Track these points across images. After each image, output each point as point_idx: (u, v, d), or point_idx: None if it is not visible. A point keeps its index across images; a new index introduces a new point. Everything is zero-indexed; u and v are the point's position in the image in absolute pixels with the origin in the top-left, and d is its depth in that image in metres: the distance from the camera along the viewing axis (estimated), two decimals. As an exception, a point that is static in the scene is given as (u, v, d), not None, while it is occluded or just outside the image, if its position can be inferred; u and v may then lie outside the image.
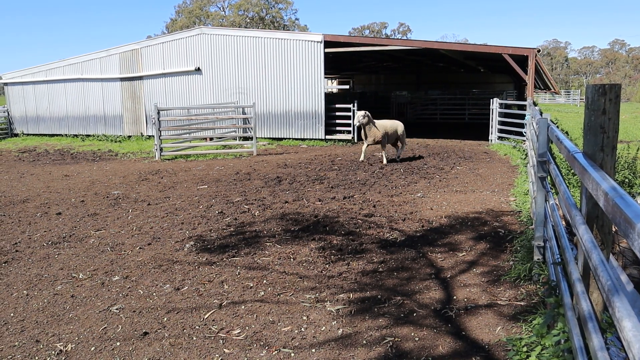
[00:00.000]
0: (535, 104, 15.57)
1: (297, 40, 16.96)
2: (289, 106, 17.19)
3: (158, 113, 14.14)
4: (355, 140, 16.64)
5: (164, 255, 6.12)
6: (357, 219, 7.36)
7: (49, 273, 5.76)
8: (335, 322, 4.36)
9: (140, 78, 19.69)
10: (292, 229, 6.98)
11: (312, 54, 16.73)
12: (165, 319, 4.53)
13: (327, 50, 16.74)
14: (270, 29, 66.27)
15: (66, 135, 21.39)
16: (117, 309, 4.76)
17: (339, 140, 16.89)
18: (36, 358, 4.01)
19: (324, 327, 4.28)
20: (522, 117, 14.86)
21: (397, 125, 13.11)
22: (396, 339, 4.05)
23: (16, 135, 22.66)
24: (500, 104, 16.46)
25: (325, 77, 17.15)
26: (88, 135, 20.83)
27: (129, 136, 19.97)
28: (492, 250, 6.02)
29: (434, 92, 28.52)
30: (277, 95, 17.28)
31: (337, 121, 17.46)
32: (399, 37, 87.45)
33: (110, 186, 10.50)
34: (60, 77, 21.41)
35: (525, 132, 12.80)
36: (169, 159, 14.20)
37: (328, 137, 16.98)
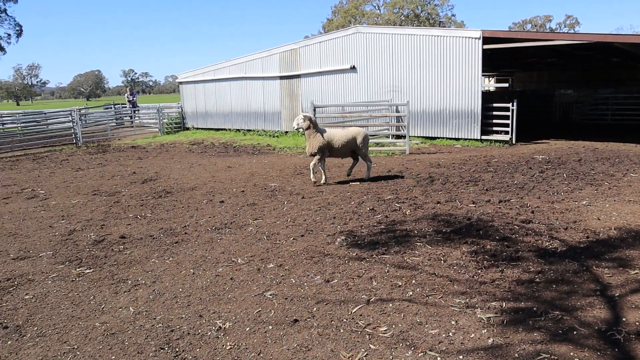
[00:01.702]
0: None
1: (454, 37, 16.50)
2: (444, 105, 16.80)
3: (314, 110, 14.64)
4: (514, 142, 15.77)
5: (315, 248, 6.32)
6: (514, 225, 6.97)
7: (212, 256, 6.24)
8: (485, 330, 4.16)
9: (297, 76, 20.55)
10: (444, 230, 6.81)
11: (469, 51, 16.18)
12: (315, 308, 4.66)
13: (485, 46, 16.06)
14: (426, 26, 65.27)
15: (230, 129, 23.05)
16: (270, 295, 5.01)
17: (496, 140, 16.14)
18: (199, 331, 4.36)
19: (473, 335, 4.11)
20: None
21: (354, 133, 10.45)
22: (552, 357, 3.76)
23: (187, 129, 24.91)
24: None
25: (482, 75, 16.46)
26: (249, 130, 22.24)
27: (286, 132, 20.95)
28: (672, 269, 5.33)
29: (605, 90, 26.01)
30: (431, 94, 16.99)
31: (494, 121, 16.69)
32: (566, 31, 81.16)
33: (267, 178, 11.10)
34: (226, 76, 23.13)
35: None
36: (322, 155, 14.65)
37: (484, 137, 16.31)
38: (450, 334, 4.14)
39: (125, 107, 29.74)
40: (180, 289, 5.27)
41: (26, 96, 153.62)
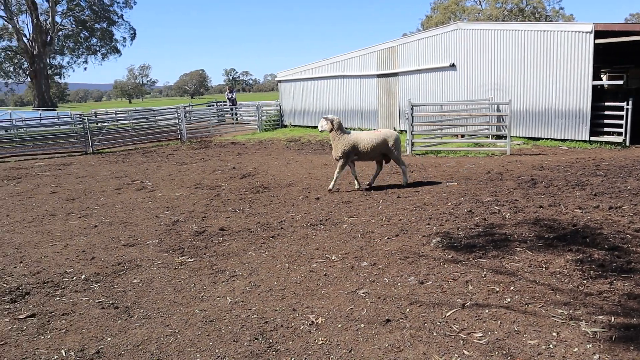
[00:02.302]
0: None
1: (561, 31, 15.59)
2: (549, 103, 15.94)
3: (412, 109, 14.46)
4: (627, 144, 14.64)
5: (410, 248, 6.23)
6: (625, 233, 6.47)
7: (307, 251, 6.34)
8: (590, 345, 3.90)
9: (395, 74, 20.38)
10: (546, 236, 6.46)
11: (579, 46, 15.22)
12: (408, 309, 4.60)
13: (598, 41, 15.03)
14: (531, 20, 62.29)
15: (327, 127, 23.35)
16: (363, 293, 5.00)
17: (607, 142, 15.07)
18: (292, 324, 4.44)
19: (576, 349, 3.86)
20: None
21: (385, 136, 9.74)
22: (670, 378, 3.45)
23: (285, 126, 25.50)
24: None
25: (593, 72, 15.43)
26: (345, 128, 22.38)
27: (382, 130, 20.88)
28: None
29: None
30: (535, 92, 16.17)
31: (605, 121, 15.59)
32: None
33: (363, 177, 11.09)
34: (323, 74, 23.41)
35: None
36: (419, 154, 14.43)
37: (593, 138, 15.28)
38: (551, 345, 3.92)
39: (226, 104, 30.96)
40: (275, 282, 5.40)
41: (137, 94, 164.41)
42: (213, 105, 32.00)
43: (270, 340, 4.19)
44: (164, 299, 5.14)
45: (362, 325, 4.36)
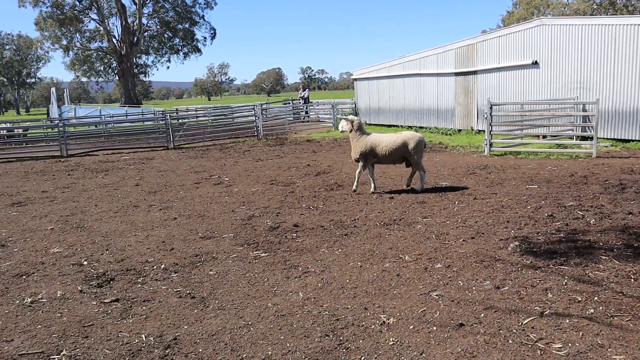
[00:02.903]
0: None
1: (659, 27, 14.57)
2: (641, 104, 14.95)
3: (490, 108, 14.03)
4: None
5: (486, 251, 6.05)
6: None
7: (380, 250, 6.29)
8: (685, 362, 3.63)
9: (474, 73, 19.83)
10: (636, 245, 6.07)
11: (678, 43, 14.18)
12: (482, 315, 4.46)
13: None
14: (623, 14, 58.77)
15: (401, 126, 23.06)
16: (436, 295, 4.91)
17: None
18: (363, 323, 4.42)
19: (669, 365, 3.61)
20: None
21: (406, 139, 9.38)
22: None
23: (361, 124, 25.47)
24: None
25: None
26: (421, 127, 22.04)
27: (459, 130, 20.37)
28: None
29: None
30: (625, 90, 15.21)
31: None
32: None
33: (438, 177, 10.89)
34: (399, 72, 23.17)
35: None
36: (497, 155, 13.98)
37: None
38: (640, 361, 3.68)
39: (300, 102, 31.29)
40: (348, 280, 5.41)
41: (216, 92, 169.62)
42: (289, 103, 32.46)
43: (341, 338, 4.19)
44: (238, 292, 5.27)
45: (435, 328, 4.28)
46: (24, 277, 6.01)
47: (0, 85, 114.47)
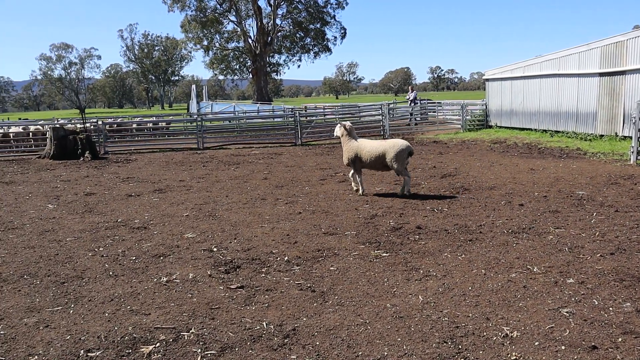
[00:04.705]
0: None
1: None
2: None
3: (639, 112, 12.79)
4: None
5: (627, 270, 5.53)
6: None
7: (506, 259, 6.00)
8: None
9: (622, 73, 18.18)
10: None
11: None
12: (620, 339, 4.08)
13: None
14: None
15: (535, 129, 21.80)
16: (567, 312, 4.57)
17: None
18: (484, 333, 4.24)
19: None
20: None
21: (386, 148, 9.44)
22: None
23: (490, 127, 24.45)
24: None
25: None
26: (557, 132, 20.67)
27: (601, 135, 18.81)
28: None
29: None
30: None
31: None
32: None
33: (575, 185, 10.15)
34: (535, 73, 21.86)
35: None
36: (644, 164, 12.72)
37: None
38: None
39: (431, 102, 30.72)
40: (470, 288, 5.22)
41: (344, 91, 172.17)
42: (417, 103, 32.04)
43: (460, 347, 4.06)
44: (358, 289, 5.30)
45: (563, 348, 3.99)
46: (161, 257, 6.53)
47: (149, 82, 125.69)
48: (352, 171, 10.17)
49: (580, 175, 11.20)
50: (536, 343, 4.08)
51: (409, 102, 29.46)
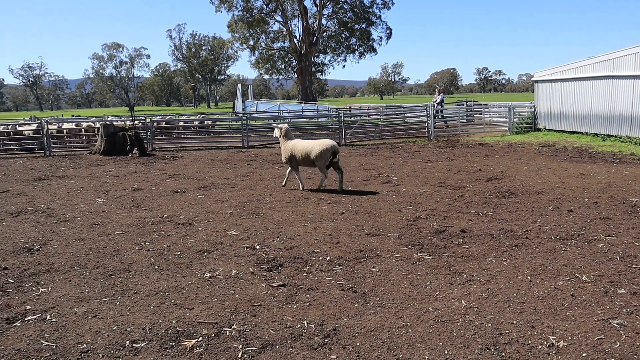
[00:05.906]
0: None
1: None
2: None
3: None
4: None
5: (683, 280, 5.30)
6: None
7: (553, 266, 5.84)
8: None
9: (681, 77, 17.43)
10: None
11: None
12: (675, 352, 3.91)
13: None
14: None
15: (586, 133, 21.12)
16: (617, 324, 4.41)
17: None
18: (529, 341, 4.14)
19: None
20: None
21: (313, 146, 10.40)
22: None
23: (538, 129, 23.83)
24: None
25: None
26: (609, 136, 19.97)
27: (657, 140, 18.07)
28: None
29: None
30: None
31: None
32: None
33: (628, 192, 9.79)
34: (588, 74, 21.17)
35: None
36: (703, 171, 12.15)
37: None
38: None
39: (478, 103, 30.16)
40: (515, 294, 5.10)
41: (389, 91, 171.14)
42: (463, 105, 31.55)
43: (503, 354, 3.97)
44: (399, 292, 5.26)
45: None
46: (205, 253, 6.65)
47: (196, 81, 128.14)
48: (289, 169, 11.03)
49: (634, 182, 10.79)
50: (584, 354, 3.95)
51: (435, 104, 28.95)
